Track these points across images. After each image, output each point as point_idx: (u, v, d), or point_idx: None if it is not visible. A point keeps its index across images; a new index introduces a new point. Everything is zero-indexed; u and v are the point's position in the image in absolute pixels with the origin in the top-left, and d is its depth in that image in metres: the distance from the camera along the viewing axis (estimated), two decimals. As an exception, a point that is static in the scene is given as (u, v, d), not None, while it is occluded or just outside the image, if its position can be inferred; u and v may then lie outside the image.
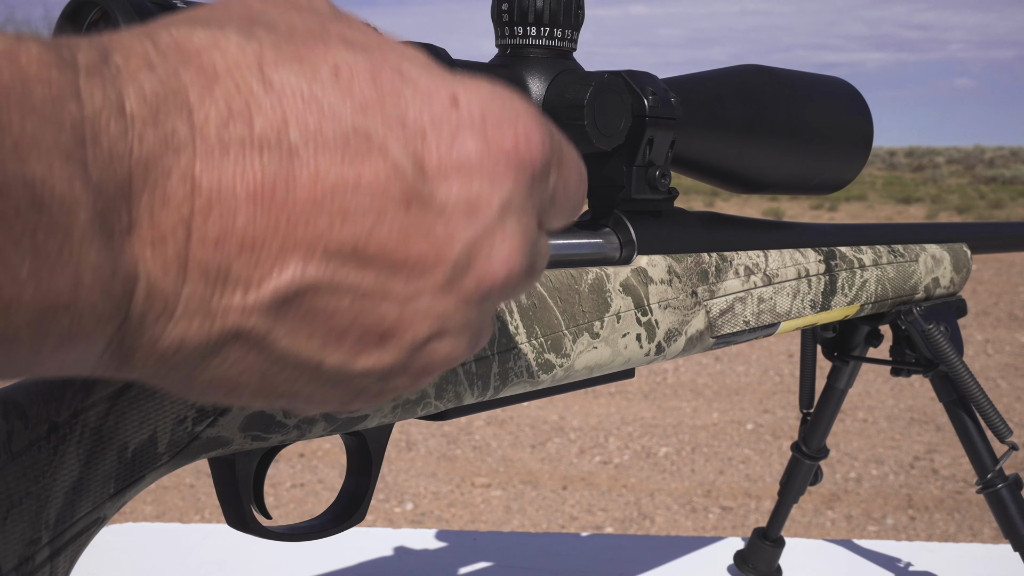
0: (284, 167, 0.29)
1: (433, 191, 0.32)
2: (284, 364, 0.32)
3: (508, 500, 3.74)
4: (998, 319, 7.07)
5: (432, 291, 0.32)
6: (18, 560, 0.42)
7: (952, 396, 1.01)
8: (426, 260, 0.32)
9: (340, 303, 0.31)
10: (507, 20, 0.64)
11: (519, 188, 0.34)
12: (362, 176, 0.30)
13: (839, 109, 0.80)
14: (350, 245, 0.30)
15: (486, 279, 0.33)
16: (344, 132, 0.30)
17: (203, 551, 1.29)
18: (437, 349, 0.34)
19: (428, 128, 0.32)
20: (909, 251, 0.92)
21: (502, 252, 0.33)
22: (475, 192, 0.32)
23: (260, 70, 0.30)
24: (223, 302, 0.30)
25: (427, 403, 0.57)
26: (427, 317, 0.33)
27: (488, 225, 0.33)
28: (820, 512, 3.62)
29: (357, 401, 0.36)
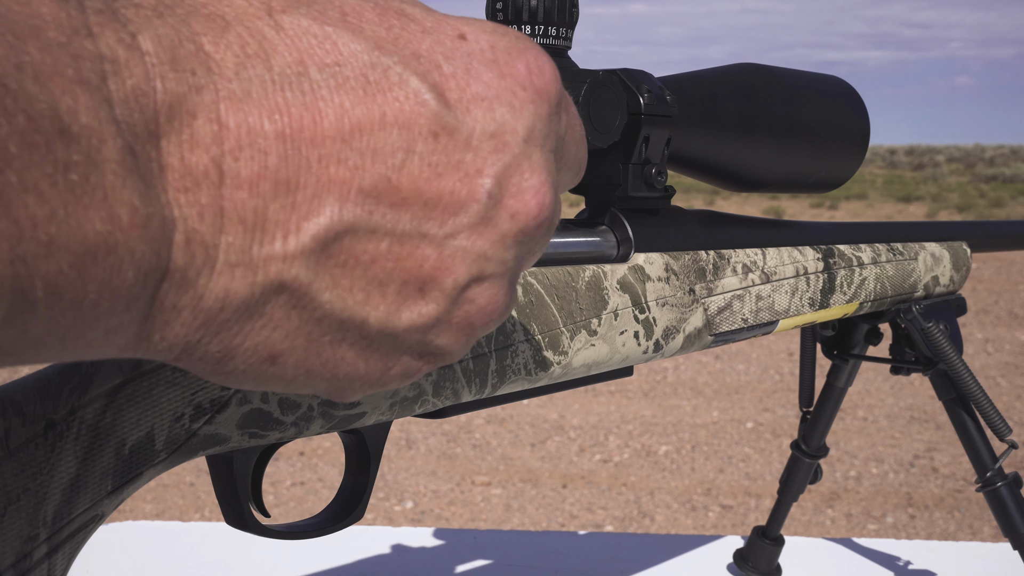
0: (308, 104, 0.29)
1: (458, 121, 0.31)
2: (328, 324, 0.32)
3: (508, 498, 3.74)
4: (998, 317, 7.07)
5: (468, 228, 0.32)
6: (15, 557, 0.42)
7: (952, 394, 1.02)
8: (459, 194, 0.32)
9: (379, 247, 0.31)
10: (501, 19, 0.64)
11: (540, 117, 0.34)
12: (387, 110, 0.30)
13: (835, 107, 0.80)
14: (383, 182, 0.30)
15: (520, 213, 0.33)
16: (362, 68, 0.30)
17: (203, 549, 1.30)
18: (478, 297, 0.34)
19: (442, 61, 0.32)
20: (908, 249, 0.92)
21: (532, 183, 0.33)
22: (499, 120, 0.32)
23: (270, 16, 0.30)
24: (264, 250, 0.29)
25: (425, 400, 0.57)
26: (465, 258, 0.32)
27: (516, 155, 0.33)
28: (820, 510, 3.62)
29: (398, 368, 0.35)
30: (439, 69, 0.32)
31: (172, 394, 0.46)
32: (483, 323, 0.35)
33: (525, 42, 0.34)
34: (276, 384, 0.33)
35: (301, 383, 0.33)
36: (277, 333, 0.31)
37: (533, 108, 0.33)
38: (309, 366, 0.32)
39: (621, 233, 0.69)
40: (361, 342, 0.33)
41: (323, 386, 0.34)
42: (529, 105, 0.33)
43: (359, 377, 0.34)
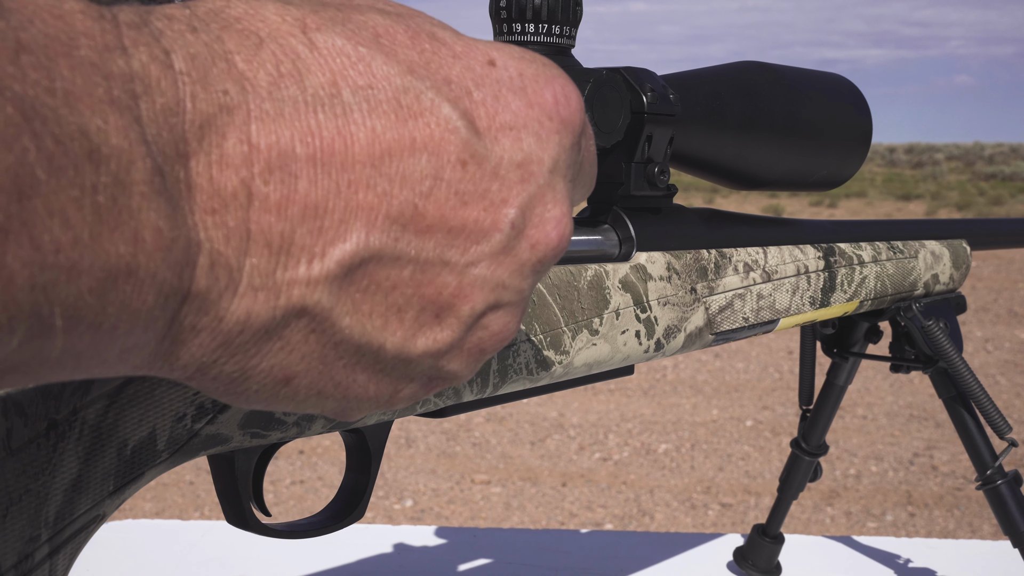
0: (341, 127, 0.29)
1: (487, 150, 0.31)
2: (345, 348, 0.31)
3: (508, 497, 3.74)
4: (998, 315, 7.07)
5: (489, 257, 0.32)
6: (17, 558, 0.42)
7: (951, 392, 1.02)
8: (483, 224, 0.31)
9: (401, 274, 0.31)
10: (505, 17, 0.64)
11: (564, 148, 0.33)
12: (417, 136, 0.30)
13: (838, 105, 0.80)
14: (410, 209, 0.30)
15: (540, 244, 0.33)
16: (395, 92, 0.30)
17: (202, 548, 1.30)
18: (491, 324, 0.34)
19: (473, 88, 0.32)
20: (908, 247, 0.92)
21: (554, 214, 0.33)
22: (526, 150, 0.32)
23: (304, 34, 0.29)
24: (288, 274, 0.29)
25: (426, 400, 0.57)
26: (484, 286, 0.32)
27: (541, 185, 0.32)
28: (820, 508, 3.62)
29: (406, 391, 0.35)
30: (469, 96, 0.31)
31: (174, 394, 0.46)
32: (493, 348, 0.35)
33: (553, 70, 0.34)
34: (286, 404, 0.32)
35: (311, 404, 0.33)
36: (294, 356, 0.30)
37: (559, 139, 0.33)
38: (321, 388, 0.32)
39: (623, 232, 0.69)
40: (375, 366, 0.32)
41: (331, 406, 0.34)
42: (555, 136, 0.33)
43: (368, 399, 0.34)
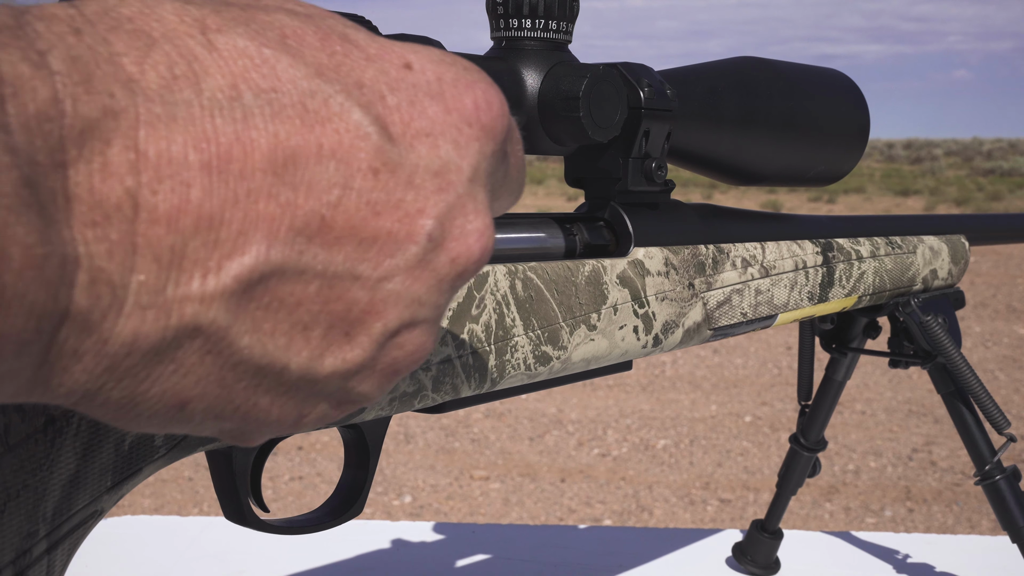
0: (240, 132, 0.27)
1: (401, 157, 0.29)
2: (244, 370, 0.29)
3: (506, 493, 3.74)
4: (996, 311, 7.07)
5: (404, 272, 0.30)
6: (15, 553, 0.42)
7: (950, 388, 1.02)
8: (397, 236, 0.29)
9: (307, 289, 0.29)
10: (502, 13, 0.64)
11: (485, 155, 0.32)
12: (324, 142, 0.28)
13: (836, 101, 0.80)
14: (317, 220, 0.28)
15: (460, 257, 0.31)
16: (301, 96, 0.28)
17: (201, 544, 1.30)
18: (406, 342, 0.32)
19: (387, 92, 0.30)
20: (907, 243, 0.92)
21: (476, 226, 0.31)
22: (443, 158, 0.30)
23: (203, 34, 0.28)
24: (180, 291, 0.26)
25: (424, 395, 0.57)
26: (398, 303, 0.30)
27: (460, 195, 0.31)
28: (818, 504, 3.63)
29: (313, 414, 0.32)
30: (383, 100, 0.30)
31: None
32: (407, 368, 0.33)
33: (474, 74, 0.32)
34: (181, 428, 0.30)
35: (209, 427, 0.31)
36: (188, 379, 0.28)
37: (479, 146, 0.31)
38: (219, 412, 0.30)
39: (620, 227, 0.69)
40: (278, 388, 0.30)
41: (231, 429, 0.31)
42: (475, 143, 0.31)
43: (271, 423, 0.32)
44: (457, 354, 0.57)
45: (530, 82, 0.64)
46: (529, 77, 0.64)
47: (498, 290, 0.59)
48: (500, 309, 0.59)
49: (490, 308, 0.59)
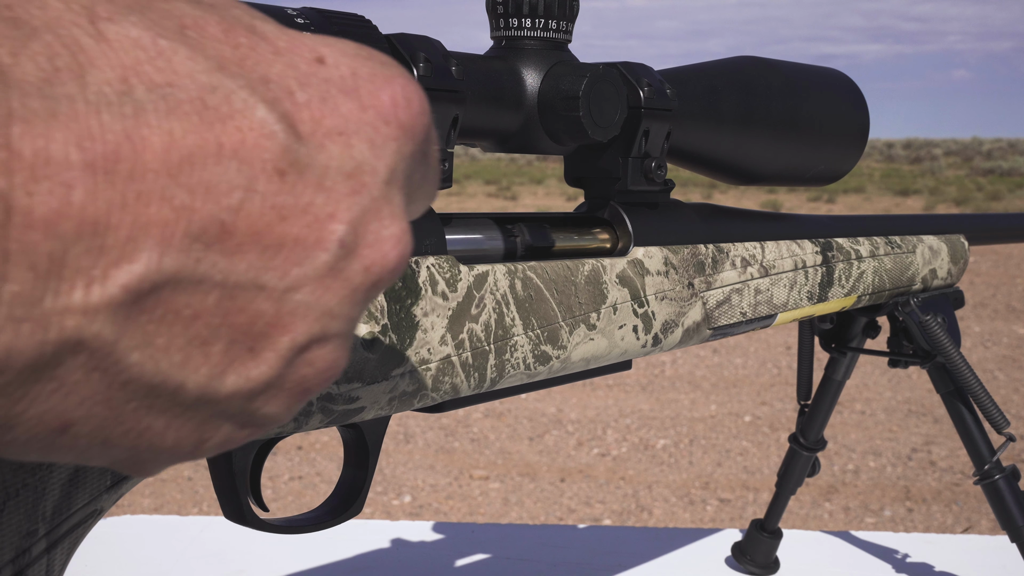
0: (130, 130, 0.25)
1: (310, 157, 0.27)
2: (135, 389, 0.27)
3: (506, 492, 3.74)
4: (996, 311, 7.08)
5: (314, 281, 0.28)
6: (15, 552, 0.42)
7: (949, 387, 1.02)
8: (306, 242, 0.27)
9: (205, 301, 0.26)
10: (502, 12, 0.64)
11: (403, 156, 0.30)
12: (225, 141, 0.26)
13: (835, 101, 0.80)
14: (216, 226, 0.26)
15: (375, 265, 0.29)
16: (200, 91, 0.26)
17: (201, 543, 1.30)
18: (317, 359, 0.29)
19: (296, 87, 0.28)
20: (906, 242, 0.92)
21: (392, 231, 0.29)
22: (357, 158, 0.28)
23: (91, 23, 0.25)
24: (59, 302, 0.24)
25: (424, 395, 0.57)
26: (308, 315, 0.28)
27: (375, 198, 0.29)
28: (818, 504, 3.63)
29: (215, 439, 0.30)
30: (291, 96, 0.28)
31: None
32: (318, 387, 0.30)
33: (392, 69, 0.30)
34: (65, 455, 0.28)
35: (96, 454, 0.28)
36: (71, 399, 0.26)
37: (396, 146, 0.29)
38: (107, 436, 0.27)
39: (620, 227, 0.69)
40: (173, 409, 0.28)
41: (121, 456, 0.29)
42: (392, 143, 0.29)
43: (166, 449, 0.29)
44: (456, 353, 0.57)
45: (530, 81, 0.64)
46: (529, 76, 0.64)
47: (498, 289, 0.59)
48: (500, 308, 0.59)
49: (489, 307, 0.59)
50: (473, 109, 0.60)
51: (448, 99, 0.56)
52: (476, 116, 0.61)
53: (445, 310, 0.57)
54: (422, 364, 0.56)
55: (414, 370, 0.56)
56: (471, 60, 0.61)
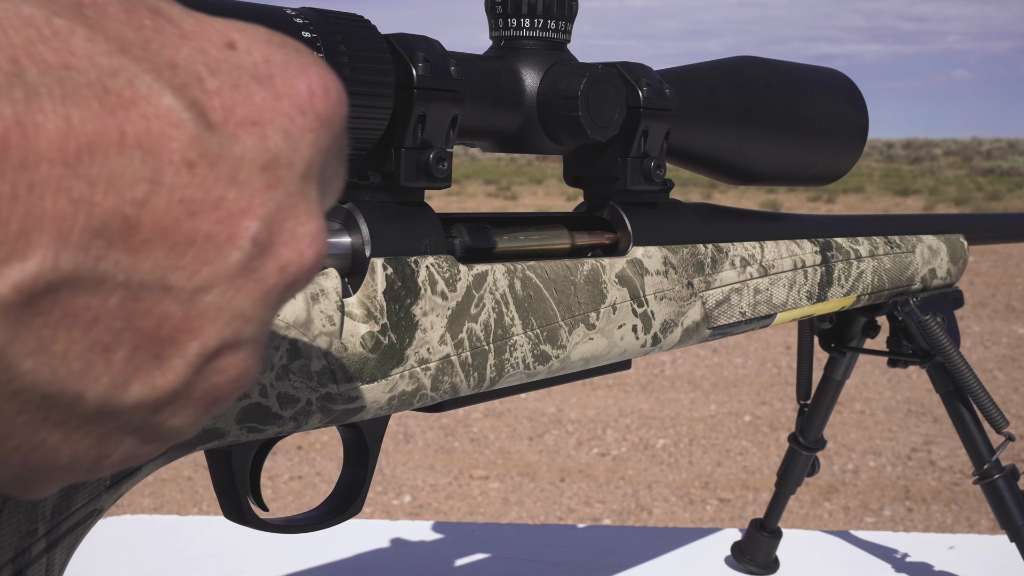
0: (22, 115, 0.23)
1: (222, 148, 0.25)
2: (28, 398, 0.24)
3: (506, 492, 3.74)
4: (995, 310, 7.08)
5: (225, 282, 0.26)
6: (15, 552, 0.42)
7: (949, 387, 1.02)
8: (217, 239, 0.25)
9: (107, 302, 0.24)
10: (500, 12, 0.64)
11: (320, 149, 0.28)
12: (129, 130, 0.24)
13: (834, 101, 0.80)
14: (119, 221, 0.24)
15: (291, 265, 0.27)
16: (100, 75, 0.24)
17: (201, 543, 1.30)
18: (228, 366, 0.27)
19: (205, 74, 0.26)
20: (906, 242, 0.92)
21: (309, 229, 0.27)
22: (272, 150, 0.26)
23: None
24: None
25: (423, 395, 0.57)
26: (219, 318, 0.26)
27: (291, 194, 0.27)
28: (817, 503, 3.63)
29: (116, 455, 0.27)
30: (201, 83, 0.26)
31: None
32: (229, 397, 0.28)
33: (307, 57, 0.28)
34: None
35: None
36: None
37: (314, 138, 0.27)
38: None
39: (619, 226, 0.69)
40: (70, 422, 0.25)
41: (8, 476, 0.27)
42: (309, 134, 0.27)
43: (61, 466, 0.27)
44: (456, 353, 0.57)
45: (529, 81, 0.64)
46: (528, 76, 0.64)
47: (497, 289, 0.59)
48: (499, 308, 0.59)
49: (489, 307, 0.59)
50: (472, 109, 0.60)
51: (447, 99, 0.56)
52: (475, 116, 0.61)
53: (444, 310, 0.57)
54: (421, 364, 0.56)
55: (413, 370, 0.56)
56: (470, 60, 0.62)
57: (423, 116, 0.55)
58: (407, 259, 0.55)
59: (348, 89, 0.51)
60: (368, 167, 0.56)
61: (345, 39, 0.51)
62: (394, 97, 0.54)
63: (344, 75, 0.51)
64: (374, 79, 0.52)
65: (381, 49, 0.53)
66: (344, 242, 0.55)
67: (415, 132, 0.55)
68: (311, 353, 0.51)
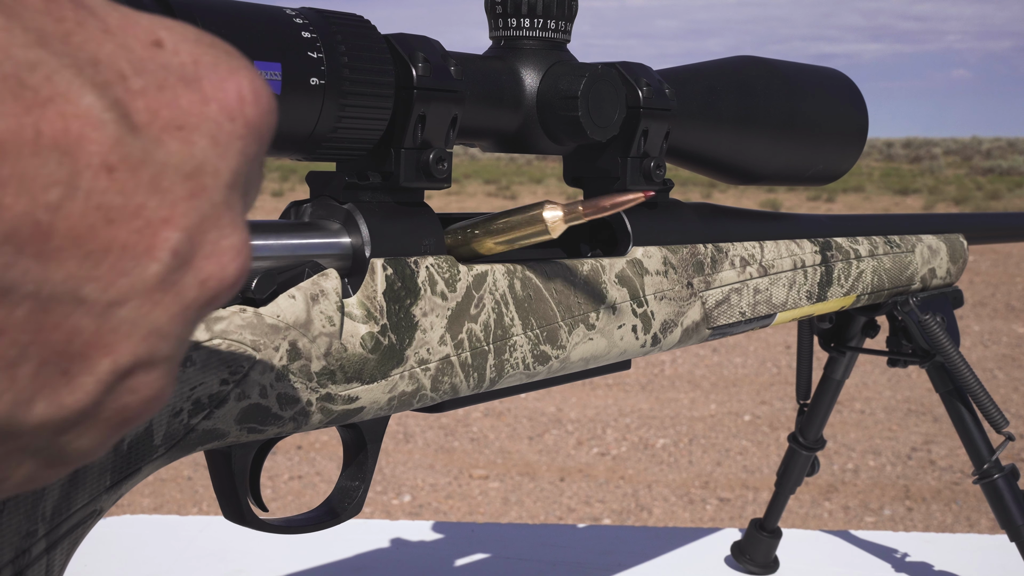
0: None
1: (145, 153, 0.24)
2: None
3: (506, 492, 3.74)
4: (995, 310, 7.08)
5: (142, 295, 0.24)
6: (14, 552, 0.42)
7: (949, 387, 1.02)
8: (135, 249, 0.24)
9: (13, 314, 0.23)
10: (500, 12, 0.64)
11: (248, 157, 0.26)
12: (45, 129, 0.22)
13: (834, 100, 0.80)
14: (29, 226, 0.22)
15: (213, 279, 0.25)
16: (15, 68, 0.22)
17: (201, 543, 1.30)
18: (141, 385, 0.25)
19: (130, 72, 0.24)
20: (905, 242, 0.92)
21: (233, 242, 0.26)
22: (198, 157, 0.25)
23: None
24: None
25: (423, 395, 0.57)
26: (133, 334, 0.24)
27: (216, 204, 0.25)
28: (817, 503, 3.63)
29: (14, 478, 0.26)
30: (124, 82, 0.24)
31: (170, 389, 0.46)
32: (140, 417, 0.26)
33: (237, 60, 0.27)
34: None
35: None
36: None
37: (242, 146, 0.26)
38: None
39: (619, 227, 0.69)
40: None
41: None
42: (237, 142, 0.26)
43: None
44: (456, 353, 0.57)
45: (529, 81, 0.64)
46: (528, 76, 0.64)
47: (497, 289, 0.59)
48: (499, 308, 0.59)
49: (489, 307, 0.59)
50: (472, 109, 0.60)
51: (447, 99, 0.56)
52: (475, 116, 0.61)
53: (444, 310, 0.57)
54: (421, 364, 0.56)
55: (413, 370, 0.56)
56: (470, 60, 0.62)
57: (423, 116, 0.55)
58: (407, 259, 0.55)
59: (348, 89, 0.51)
60: (368, 167, 0.56)
61: (345, 39, 0.51)
62: (394, 97, 0.54)
63: (344, 75, 0.51)
64: (374, 79, 0.52)
65: (381, 49, 0.53)
66: (344, 242, 0.55)
67: (415, 132, 0.55)
68: (311, 354, 0.51)
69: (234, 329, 0.48)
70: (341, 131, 0.52)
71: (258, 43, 0.47)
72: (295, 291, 0.51)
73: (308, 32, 0.50)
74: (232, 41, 0.46)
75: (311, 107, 0.50)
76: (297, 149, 0.52)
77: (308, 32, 0.50)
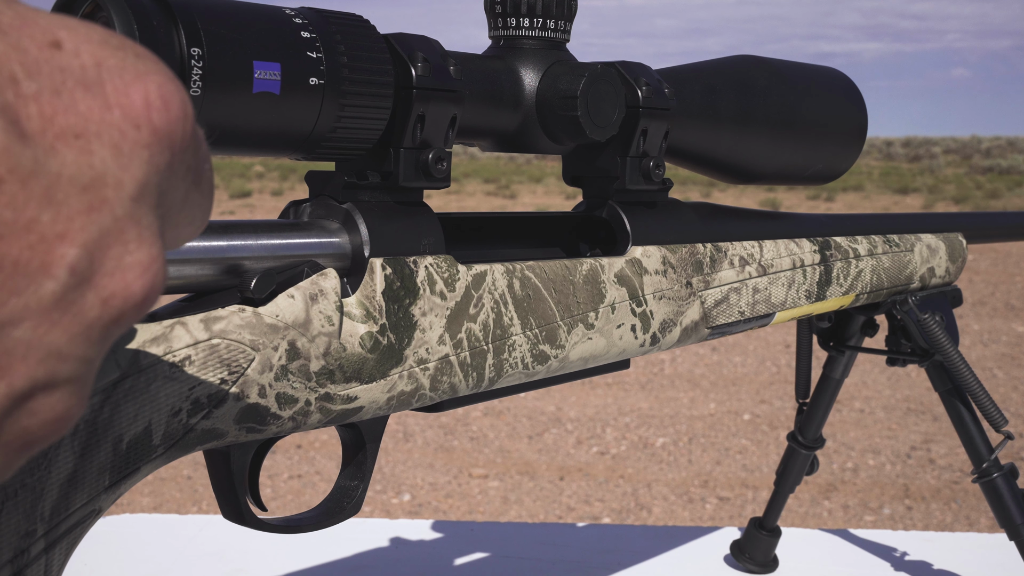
0: None
1: (36, 163, 0.22)
2: None
3: (505, 491, 3.74)
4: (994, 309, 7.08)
5: (37, 315, 0.23)
6: (13, 552, 0.42)
7: (948, 386, 1.02)
8: (28, 266, 0.22)
9: None
10: (500, 11, 0.64)
11: (157, 168, 0.25)
12: None
13: (833, 100, 0.80)
14: None
15: (116, 297, 0.24)
16: None
17: (200, 542, 1.30)
18: (42, 408, 0.24)
19: (21, 75, 0.23)
20: (905, 241, 0.92)
21: (139, 258, 0.24)
22: (98, 168, 0.23)
23: None
24: None
25: (422, 395, 0.57)
26: (29, 356, 0.23)
27: (119, 218, 0.24)
28: (817, 502, 3.63)
29: None
30: (15, 86, 0.22)
31: (169, 389, 0.46)
32: (45, 439, 0.25)
33: (148, 63, 0.25)
34: None
35: None
36: None
37: (149, 155, 0.24)
38: None
39: (618, 226, 0.69)
40: None
41: None
42: (143, 151, 0.24)
43: None
44: (455, 353, 0.57)
45: (528, 81, 0.64)
46: (527, 76, 0.64)
47: (496, 289, 0.59)
48: (498, 308, 0.59)
49: (488, 307, 0.59)
50: (471, 108, 0.60)
51: (446, 99, 0.56)
52: (474, 115, 0.61)
53: (443, 310, 0.57)
54: (420, 364, 0.56)
55: (412, 370, 0.56)
56: (469, 60, 0.62)
57: (422, 116, 0.55)
58: (406, 259, 0.56)
59: (347, 89, 0.51)
60: (367, 167, 0.56)
61: (344, 39, 0.51)
62: (393, 97, 0.54)
63: (343, 75, 0.51)
64: (373, 79, 0.52)
65: (380, 49, 0.53)
66: (343, 242, 0.55)
67: (414, 132, 0.55)
68: (310, 353, 0.51)
69: (233, 329, 0.48)
70: (340, 131, 0.52)
71: (257, 43, 0.47)
72: (294, 291, 0.51)
73: (307, 32, 0.50)
74: (232, 41, 0.46)
75: (310, 107, 0.50)
76: (296, 149, 0.52)
77: (307, 32, 0.50)
